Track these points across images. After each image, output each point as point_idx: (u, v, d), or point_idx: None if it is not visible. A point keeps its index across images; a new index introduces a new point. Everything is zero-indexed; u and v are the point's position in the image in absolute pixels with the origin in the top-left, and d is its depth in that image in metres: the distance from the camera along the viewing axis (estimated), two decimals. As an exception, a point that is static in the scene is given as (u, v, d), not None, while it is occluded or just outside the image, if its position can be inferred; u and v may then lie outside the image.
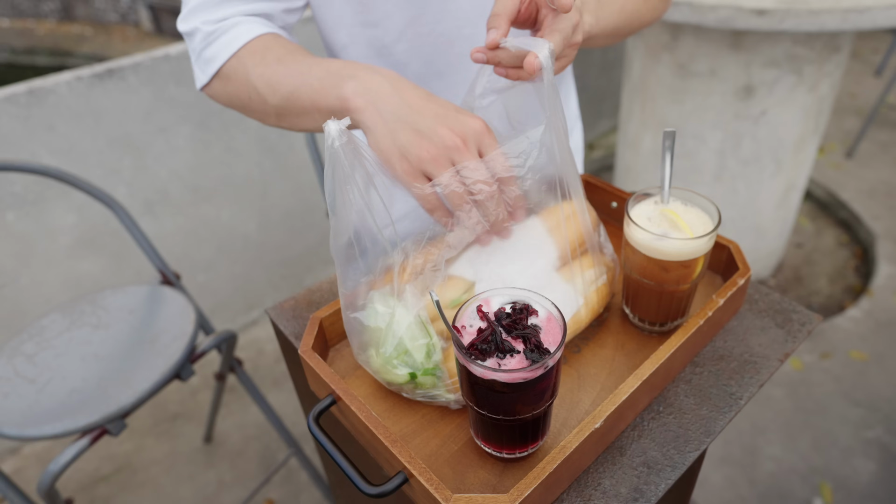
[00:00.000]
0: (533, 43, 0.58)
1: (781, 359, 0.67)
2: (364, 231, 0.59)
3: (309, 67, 0.63)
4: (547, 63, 0.57)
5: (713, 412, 0.61)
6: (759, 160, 1.91)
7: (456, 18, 0.77)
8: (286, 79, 0.64)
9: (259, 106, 0.68)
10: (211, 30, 0.69)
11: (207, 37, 0.69)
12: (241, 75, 0.68)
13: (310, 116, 0.64)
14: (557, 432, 0.59)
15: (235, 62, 0.68)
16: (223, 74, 0.70)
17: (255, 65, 0.67)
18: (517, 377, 0.47)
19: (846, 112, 3.37)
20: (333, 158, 0.55)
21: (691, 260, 0.61)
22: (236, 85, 0.69)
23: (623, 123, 2.22)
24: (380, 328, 0.61)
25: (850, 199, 2.65)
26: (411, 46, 0.79)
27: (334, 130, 0.54)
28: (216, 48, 0.69)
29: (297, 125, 0.68)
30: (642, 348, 0.68)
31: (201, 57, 0.71)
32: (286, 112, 0.66)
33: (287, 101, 0.65)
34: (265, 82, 0.66)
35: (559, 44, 0.60)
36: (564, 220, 0.65)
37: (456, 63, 0.82)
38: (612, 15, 0.74)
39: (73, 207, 1.74)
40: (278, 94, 0.65)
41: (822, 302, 2.24)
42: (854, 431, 1.73)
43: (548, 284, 0.64)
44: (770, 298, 0.74)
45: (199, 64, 0.72)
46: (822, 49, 1.69)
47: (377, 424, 0.54)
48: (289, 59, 0.66)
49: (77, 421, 1.00)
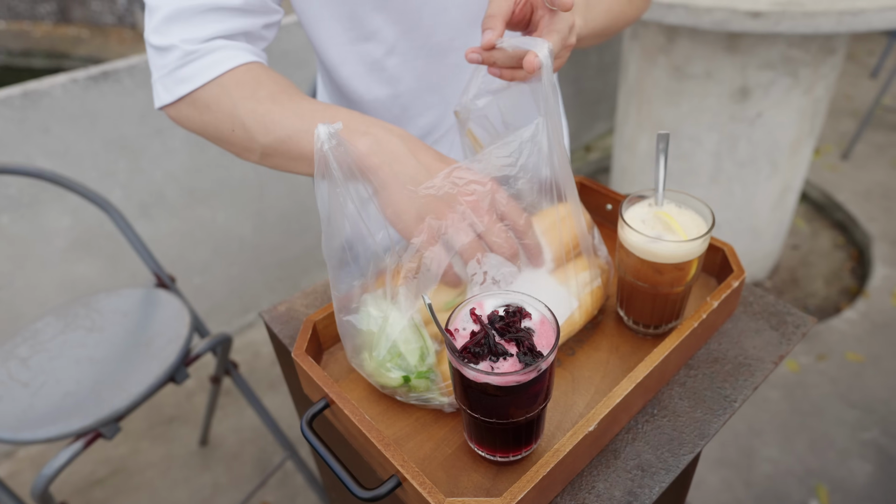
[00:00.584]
0: (531, 42, 0.58)
1: (776, 361, 0.66)
2: (356, 234, 0.58)
3: (311, 114, 0.61)
4: (546, 62, 0.57)
5: (707, 415, 0.61)
6: (755, 162, 1.91)
7: (448, 30, 0.76)
8: (284, 121, 0.61)
9: (242, 142, 0.65)
10: (191, 49, 0.64)
11: (186, 56, 0.64)
12: (225, 106, 0.64)
13: (304, 162, 0.62)
14: (551, 435, 0.59)
15: (217, 90, 0.64)
16: (199, 100, 0.65)
17: (245, 98, 0.63)
18: (510, 380, 0.47)
19: (842, 114, 3.38)
20: (323, 162, 0.54)
21: (685, 262, 0.61)
22: (217, 115, 0.65)
23: (619, 125, 2.23)
24: (373, 331, 0.61)
25: (845, 201, 2.66)
26: (404, 60, 0.78)
27: (324, 133, 0.54)
28: (193, 69, 0.64)
29: (286, 168, 0.65)
30: (637, 351, 0.68)
31: (173, 75, 0.65)
32: (277, 154, 0.63)
33: (282, 145, 0.62)
34: (256, 120, 0.62)
35: (557, 44, 0.60)
36: (559, 221, 0.65)
37: (449, 74, 0.81)
38: (600, 16, 0.74)
39: (67, 210, 1.73)
40: (272, 135, 0.62)
41: (818, 304, 2.24)
42: (850, 433, 1.73)
43: (542, 287, 0.64)
44: (764, 301, 0.74)
45: (166, 81, 0.66)
46: (818, 51, 1.70)
47: (370, 428, 0.54)
48: (284, 98, 0.63)
49: (71, 425, 1.00)
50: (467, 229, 0.58)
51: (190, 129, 0.69)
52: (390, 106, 0.82)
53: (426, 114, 0.84)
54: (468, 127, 0.72)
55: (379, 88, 0.80)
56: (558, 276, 0.66)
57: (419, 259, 0.61)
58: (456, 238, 0.57)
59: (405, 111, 0.83)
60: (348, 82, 0.80)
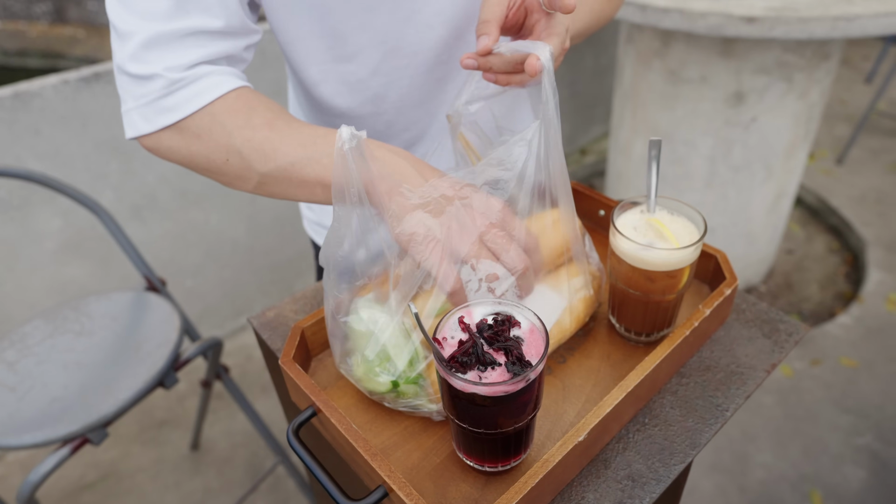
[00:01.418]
0: (532, 46, 0.57)
1: (768, 369, 0.66)
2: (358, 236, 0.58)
3: (313, 140, 0.59)
4: (548, 65, 0.56)
5: (699, 424, 0.60)
6: (750, 167, 1.91)
7: (434, 46, 0.74)
8: (285, 148, 0.59)
9: (237, 171, 0.62)
10: (177, 77, 0.60)
11: (171, 85, 0.60)
12: (218, 136, 0.61)
13: (307, 189, 0.60)
14: (541, 444, 0.59)
15: (208, 119, 0.61)
16: (187, 129, 0.62)
17: (240, 127, 0.60)
18: (498, 390, 0.46)
19: (837, 119, 3.39)
20: (340, 161, 0.54)
21: (677, 270, 0.61)
22: (209, 145, 0.62)
23: (614, 129, 2.23)
24: (363, 334, 0.60)
25: (840, 206, 2.66)
26: (388, 80, 0.76)
27: (346, 134, 0.53)
28: (180, 98, 0.61)
29: (284, 195, 0.63)
30: (628, 358, 0.67)
31: (155, 105, 0.61)
32: (278, 182, 0.61)
33: (284, 173, 0.60)
34: (254, 148, 0.60)
35: (557, 47, 0.59)
36: (550, 226, 0.65)
37: (434, 89, 0.79)
38: (584, 16, 0.74)
39: (58, 212, 1.72)
40: (272, 163, 0.60)
41: (812, 308, 2.24)
42: (844, 439, 1.73)
43: (534, 292, 0.64)
44: (757, 308, 0.73)
45: (146, 111, 0.62)
46: (812, 56, 1.70)
47: (357, 437, 0.53)
48: (281, 125, 0.61)
49: (57, 430, 0.99)
50: (481, 246, 0.56)
51: (171, 159, 0.65)
52: (374, 122, 0.80)
53: (411, 128, 0.82)
54: (460, 131, 0.72)
55: (362, 107, 0.78)
56: (550, 281, 0.66)
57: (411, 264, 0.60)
58: (461, 247, 0.56)
59: (389, 127, 0.81)
60: (330, 100, 0.78)
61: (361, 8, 0.69)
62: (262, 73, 1.93)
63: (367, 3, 0.69)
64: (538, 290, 0.64)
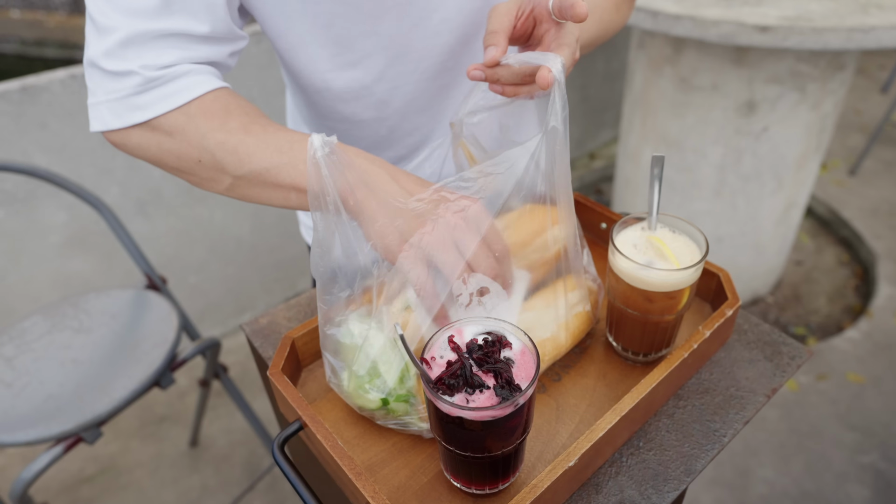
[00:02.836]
0: (543, 58, 0.56)
1: (769, 394, 0.64)
2: (345, 246, 0.57)
3: (290, 146, 0.58)
4: (560, 77, 0.55)
5: (695, 449, 0.59)
6: (760, 177, 1.88)
7: (440, 53, 0.73)
8: (260, 153, 0.59)
9: (209, 173, 0.61)
10: (153, 76, 0.59)
11: (147, 83, 0.59)
12: (191, 136, 0.60)
13: (282, 193, 0.60)
14: (532, 466, 0.57)
15: (183, 119, 0.60)
16: (160, 128, 0.61)
17: (214, 129, 0.60)
18: (485, 415, 0.45)
19: (850, 128, 3.34)
20: (314, 169, 0.53)
21: (676, 291, 0.59)
22: (181, 145, 0.61)
23: (624, 135, 2.20)
24: (353, 349, 0.59)
25: (851, 218, 2.62)
26: (393, 86, 0.75)
27: (317, 141, 0.53)
28: (155, 96, 0.60)
29: (255, 198, 0.62)
30: (625, 378, 0.66)
31: (127, 101, 0.60)
32: (251, 185, 0.61)
33: (258, 177, 0.59)
34: (228, 151, 0.59)
35: (568, 58, 0.58)
36: (525, 213, 0.63)
37: (438, 95, 0.78)
38: (593, 26, 0.72)
39: (63, 206, 1.72)
40: (246, 167, 0.59)
41: (820, 321, 2.21)
42: (849, 456, 1.70)
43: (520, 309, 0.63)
44: (760, 329, 0.72)
45: (116, 106, 0.61)
46: (827, 67, 1.67)
47: (342, 455, 0.52)
48: (257, 129, 0.60)
49: (51, 428, 0.98)
50: (451, 247, 0.56)
51: (139, 156, 0.64)
52: (377, 127, 0.79)
53: (414, 133, 0.81)
54: (461, 140, 0.70)
55: (365, 111, 0.77)
56: (546, 295, 0.64)
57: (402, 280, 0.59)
58: (438, 256, 0.56)
59: (392, 132, 0.80)
60: (332, 105, 0.77)
61: (367, 14, 0.68)
62: (269, 72, 1.92)
63: (374, 10, 0.68)
64: (528, 306, 0.63)
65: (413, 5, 0.68)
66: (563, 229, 0.62)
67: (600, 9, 0.74)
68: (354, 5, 0.66)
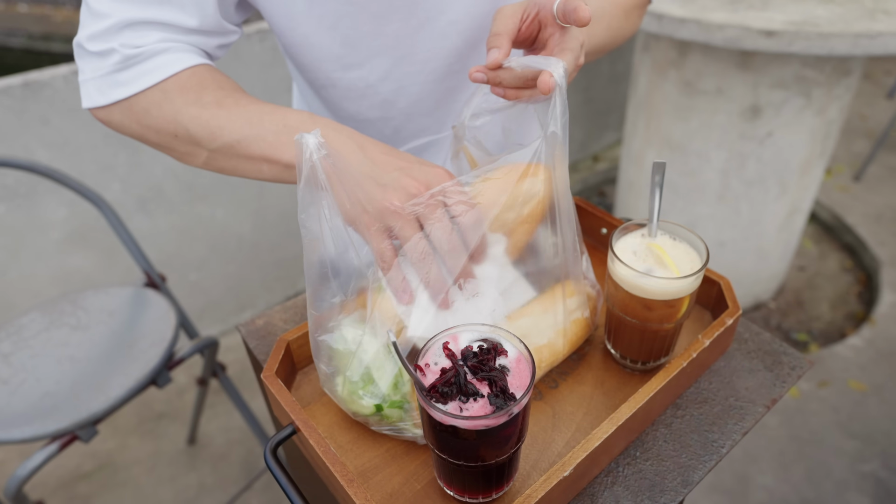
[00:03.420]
0: (545, 62, 0.55)
1: (768, 405, 0.63)
2: (338, 250, 0.56)
3: (259, 118, 0.59)
4: (562, 82, 0.54)
5: (692, 460, 0.58)
6: (764, 182, 1.87)
7: (447, 56, 0.73)
8: (231, 125, 0.60)
9: (186, 147, 0.63)
10: (132, 53, 0.61)
11: (126, 60, 0.61)
12: (167, 112, 0.61)
13: (254, 165, 0.61)
14: (526, 475, 0.57)
15: (159, 95, 0.61)
16: (138, 104, 0.62)
17: (189, 104, 0.61)
18: (479, 424, 0.44)
19: (856, 134, 3.33)
20: (310, 172, 0.52)
21: (676, 300, 0.58)
22: (158, 121, 0.62)
23: (627, 138, 2.19)
24: (347, 354, 0.58)
25: (855, 224, 2.61)
26: (398, 86, 0.74)
27: (312, 143, 0.52)
28: (134, 73, 0.61)
29: (231, 171, 0.63)
30: (623, 386, 0.65)
31: (109, 78, 0.62)
32: (223, 157, 0.62)
33: (230, 149, 0.60)
34: (201, 126, 0.60)
35: (571, 63, 0.57)
36: (510, 175, 0.62)
37: (445, 98, 0.78)
38: (601, 32, 0.71)
39: (64, 202, 1.72)
40: (219, 140, 0.60)
41: (822, 328, 2.20)
42: (849, 464, 1.69)
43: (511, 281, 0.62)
44: (760, 338, 0.71)
45: (100, 83, 0.62)
46: (832, 72, 1.66)
47: (335, 461, 0.52)
48: (230, 103, 0.61)
49: (46, 426, 0.98)
50: (413, 223, 0.55)
51: (123, 132, 0.66)
52: (382, 127, 0.79)
53: (420, 135, 0.81)
54: (463, 144, 0.70)
55: (370, 111, 0.77)
56: (545, 300, 0.64)
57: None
58: (402, 230, 0.54)
59: (397, 133, 0.80)
60: (337, 103, 0.77)
61: (374, 15, 0.68)
62: (273, 70, 1.92)
63: (380, 10, 0.67)
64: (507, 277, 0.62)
65: (420, 6, 0.68)
66: (541, 183, 0.59)
67: (609, 15, 0.73)
68: (360, 5, 0.66)
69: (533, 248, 0.63)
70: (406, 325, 0.57)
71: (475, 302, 0.58)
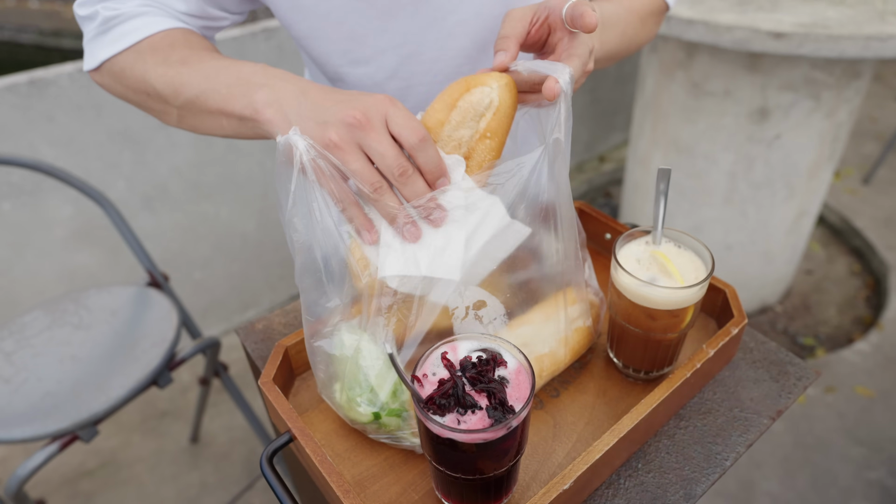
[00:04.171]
0: (552, 67, 0.54)
1: (774, 416, 0.62)
2: (333, 253, 0.55)
3: (217, 71, 0.60)
4: (567, 88, 0.53)
5: (695, 473, 0.57)
6: (771, 184, 1.85)
7: (455, 56, 0.72)
8: (191, 80, 0.61)
9: (158, 105, 0.65)
10: (111, 15, 0.64)
11: (106, 22, 0.65)
12: (139, 72, 0.64)
13: (215, 120, 0.61)
14: (526, 486, 0.56)
15: (133, 56, 0.64)
16: (116, 66, 0.66)
17: (157, 64, 0.63)
18: (477, 438, 0.44)
19: (865, 136, 3.29)
20: (300, 174, 0.51)
21: (680, 309, 0.57)
22: (132, 81, 0.65)
23: (634, 139, 2.18)
24: (344, 361, 0.58)
25: (864, 227, 2.58)
26: (406, 85, 0.74)
27: (301, 145, 0.51)
28: (113, 35, 0.65)
29: (200, 128, 0.65)
30: (625, 396, 0.64)
31: (95, 42, 0.66)
32: (189, 114, 0.63)
33: (192, 104, 0.62)
34: (167, 83, 0.62)
35: (578, 69, 0.57)
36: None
37: None
38: (615, 39, 0.70)
39: (69, 199, 1.72)
40: (182, 97, 0.62)
41: (829, 332, 2.18)
42: (855, 471, 1.67)
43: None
44: (766, 348, 0.70)
45: (90, 47, 0.67)
46: (842, 75, 1.64)
47: (331, 472, 0.51)
48: (194, 60, 0.62)
49: (47, 426, 0.98)
50: (357, 152, 0.51)
51: (114, 94, 0.69)
52: None
53: None
54: None
55: None
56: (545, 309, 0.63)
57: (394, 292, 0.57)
58: (348, 164, 0.51)
59: None
60: None
61: (381, 11, 0.67)
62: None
63: (387, 7, 0.67)
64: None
65: (427, 4, 0.67)
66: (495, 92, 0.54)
67: (624, 22, 0.72)
68: (368, 1, 0.66)
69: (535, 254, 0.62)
70: (374, 265, 0.54)
71: (444, 231, 0.54)
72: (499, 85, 0.54)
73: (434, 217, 0.54)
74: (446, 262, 0.54)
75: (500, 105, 0.55)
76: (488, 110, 0.55)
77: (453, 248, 0.54)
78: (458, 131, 0.55)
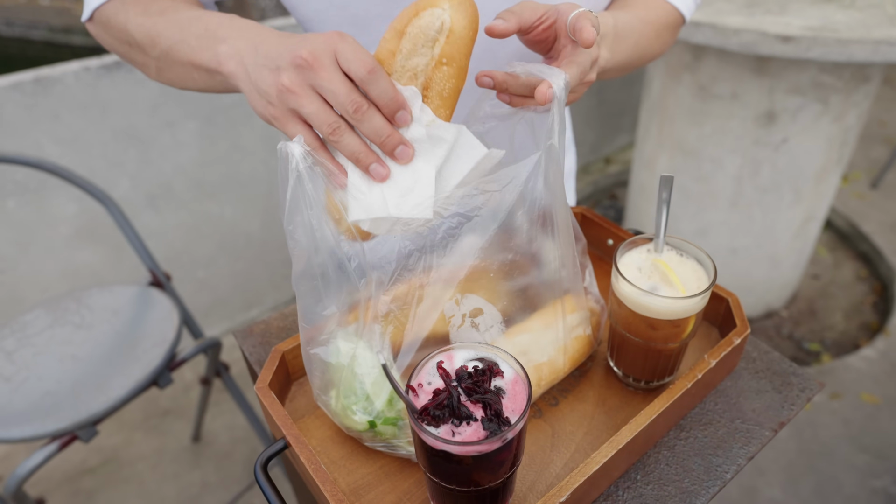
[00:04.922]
0: (548, 72, 0.54)
1: (776, 429, 0.61)
2: (330, 260, 0.55)
3: (189, 23, 0.60)
4: (560, 94, 0.53)
5: (695, 486, 0.56)
6: (778, 188, 1.84)
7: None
8: (166, 31, 0.61)
9: (140, 57, 0.65)
10: None
11: None
12: (120, 22, 0.64)
13: (187, 72, 0.61)
14: (523, 497, 0.55)
15: (117, 5, 0.65)
16: (103, 16, 0.66)
17: (138, 14, 0.63)
18: (471, 450, 0.43)
19: (874, 140, 3.26)
20: (296, 181, 0.51)
21: (681, 319, 0.56)
22: (116, 31, 0.66)
23: (640, 142, 2.16)
24: (340, 368, 0.57)
25: (872, 232, 2.56)
26: None
27: (298, 152, 0.50)
28: None
29: (176, 81, 0.65)
30: (625, 406, 0.63)
31: None
32: (165, 65, 0.63)
33: (166, 56, 0.61)
34: (145, 33, 0.62)
35: (576, 77, 0.56)
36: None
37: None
38: (627, 50, 0.69)
39: (73, 197, 1.73)
40: (158, 47, 0.62)
41: (835, 338, 2.16)
42: (860, 479, 1.65)
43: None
44: (769, 357, 0.69)
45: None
46: (851, 78, 1.62)
47: (325, 479, 0.51)
48: (171, 11, 0.62)
49: (46, 426, 0.98)
50: (311, 94, 0.49)
51: (105, 46, 0.70)
52: None
53: None
54: None
55: None
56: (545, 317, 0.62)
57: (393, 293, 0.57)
58: (303, 107, 0.49)
59: None
60: None
61: None
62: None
63: None
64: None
65: None
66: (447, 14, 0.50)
67: (638, 33, 0.71)
68: None
69: (533, 260, 0.61)
70: (346, 210, 0.52)
71: (412, 167, 0.52)
72: (450, 5, 0.50)
73: (398, 153, 0.52)
74: (416, 199, 0.52)
75: (454, 27, 0.50)
76: (441, 34, 0.50)
77: (423, 184, 0.52)
78: (412, 60, 0.51)
